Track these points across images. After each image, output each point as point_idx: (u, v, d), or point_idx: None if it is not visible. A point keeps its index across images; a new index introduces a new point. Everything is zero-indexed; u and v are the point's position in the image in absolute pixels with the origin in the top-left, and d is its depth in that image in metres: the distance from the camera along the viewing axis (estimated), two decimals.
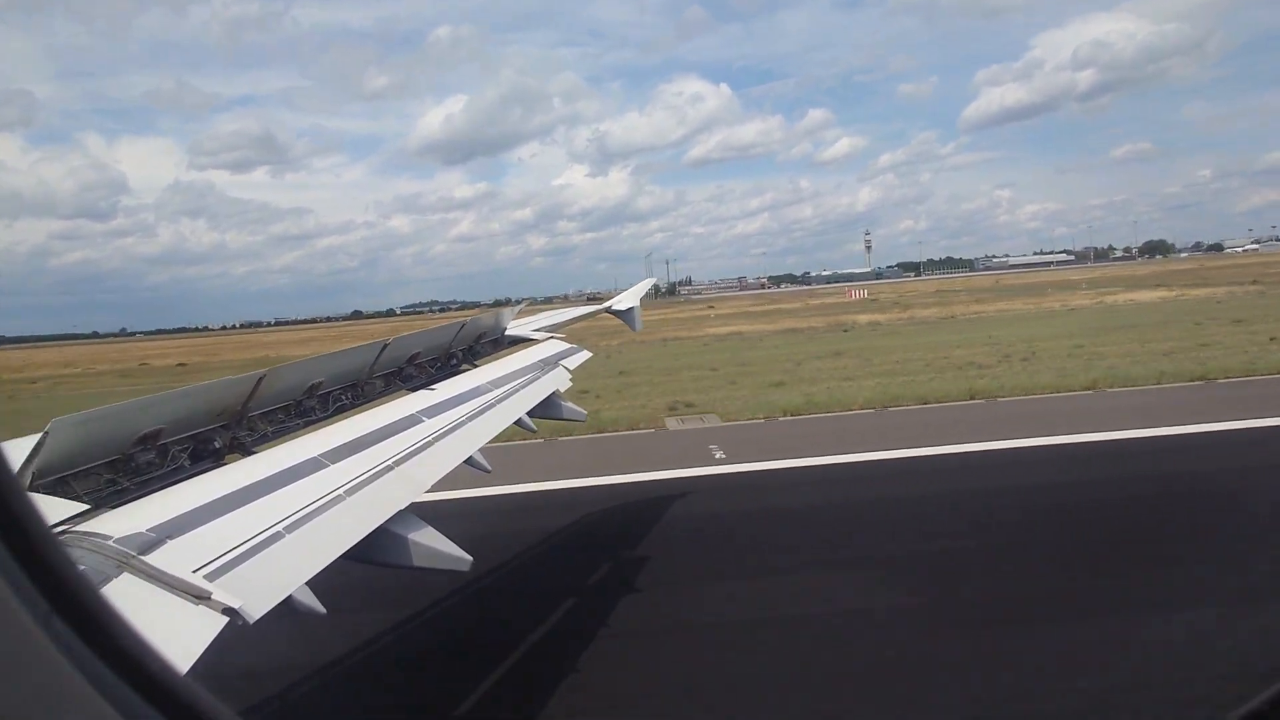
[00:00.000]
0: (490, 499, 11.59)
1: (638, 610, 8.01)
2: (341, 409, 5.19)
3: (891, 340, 36.14)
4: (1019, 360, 24.11)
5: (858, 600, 7.92)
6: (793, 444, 14.62)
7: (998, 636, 6.98)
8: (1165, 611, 7.18)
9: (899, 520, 10.28)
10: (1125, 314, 41.30)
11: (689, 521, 10.96)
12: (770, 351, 34.98)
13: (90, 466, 3.16)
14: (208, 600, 2.46)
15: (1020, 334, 33.07)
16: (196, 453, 3.80)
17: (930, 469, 12.66)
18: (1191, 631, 6.73)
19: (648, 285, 13.74)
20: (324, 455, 3.87)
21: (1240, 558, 8.07)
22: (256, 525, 3.03)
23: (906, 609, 7.72)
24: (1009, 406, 17.31)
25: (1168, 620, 7.02)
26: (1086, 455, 12.72)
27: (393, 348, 5.76)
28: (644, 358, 34.40)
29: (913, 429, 15.60)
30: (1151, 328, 31.37)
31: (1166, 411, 15.04)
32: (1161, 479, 11.31)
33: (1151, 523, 9.35)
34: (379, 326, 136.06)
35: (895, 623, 7.42)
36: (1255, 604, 7.07)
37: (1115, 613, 7.23)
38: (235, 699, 6.46)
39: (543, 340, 8.55)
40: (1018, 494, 11.15)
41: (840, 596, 8.03)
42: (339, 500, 3.51)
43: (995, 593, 7.91)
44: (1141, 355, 23.06)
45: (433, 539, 3.82)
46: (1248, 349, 22.06)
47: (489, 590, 8.61)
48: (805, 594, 8.16)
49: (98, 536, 2.57)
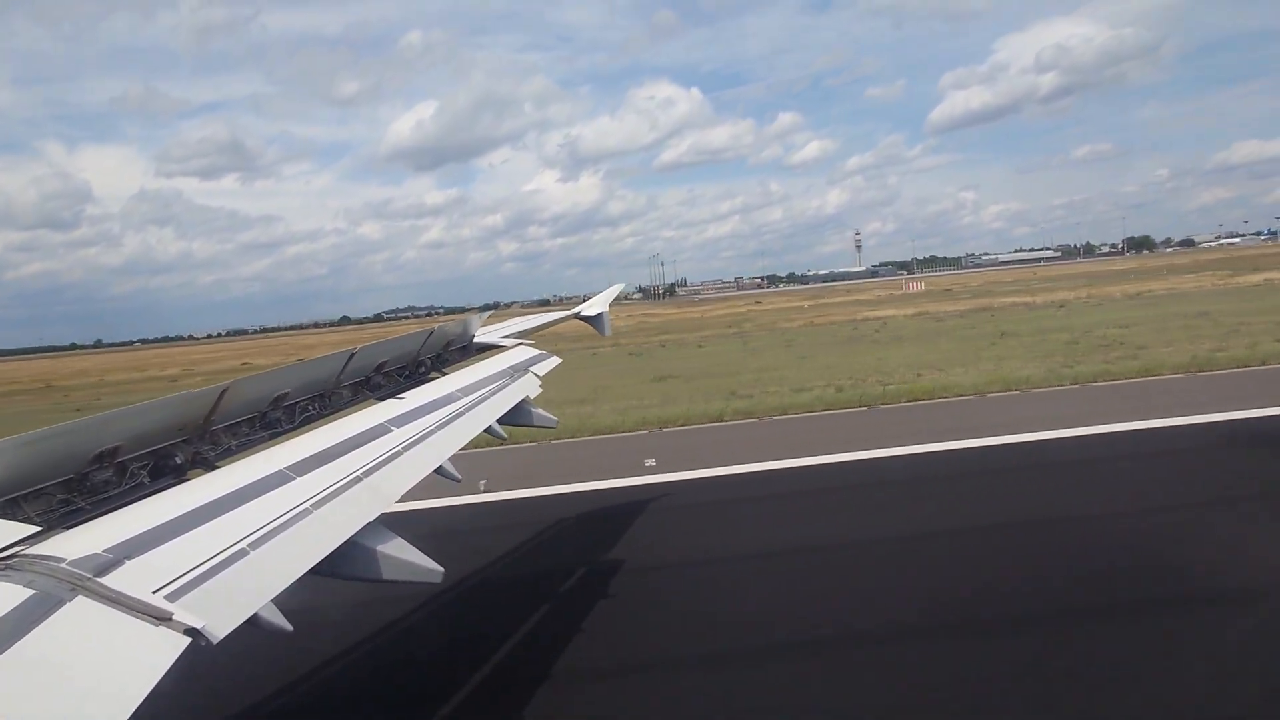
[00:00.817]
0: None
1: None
2: (309, 420, 5.08)
3: (1136, 312, 37.32)
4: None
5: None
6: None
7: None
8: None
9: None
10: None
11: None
12: (1022, 323, 36.17)
13: (42, 487, 3.04)
14: (169, 621, 2.38)
15: (1234, 309, 33.25)
16: (157, 469, 3.69)
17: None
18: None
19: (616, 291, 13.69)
20: (290, 468, 3.78)
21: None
22: (220, 542, 2.94)
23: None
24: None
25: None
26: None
27: (360, 356, 5.66)
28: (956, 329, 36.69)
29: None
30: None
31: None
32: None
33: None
34: (369, 331, 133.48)
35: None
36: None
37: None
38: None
39: (511, 347, 8.49)
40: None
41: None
42: (306, 514, 3.43)
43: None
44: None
45: (403, 550, 3.75)
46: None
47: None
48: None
49: (50, 559, 2.48)
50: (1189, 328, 27.60)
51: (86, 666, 2.15)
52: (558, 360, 8.56)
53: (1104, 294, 55.07)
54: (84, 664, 2.15)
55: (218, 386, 3.99)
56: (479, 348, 8.37)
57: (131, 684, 2.10)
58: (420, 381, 6.64)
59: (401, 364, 6.61)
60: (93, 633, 2.23)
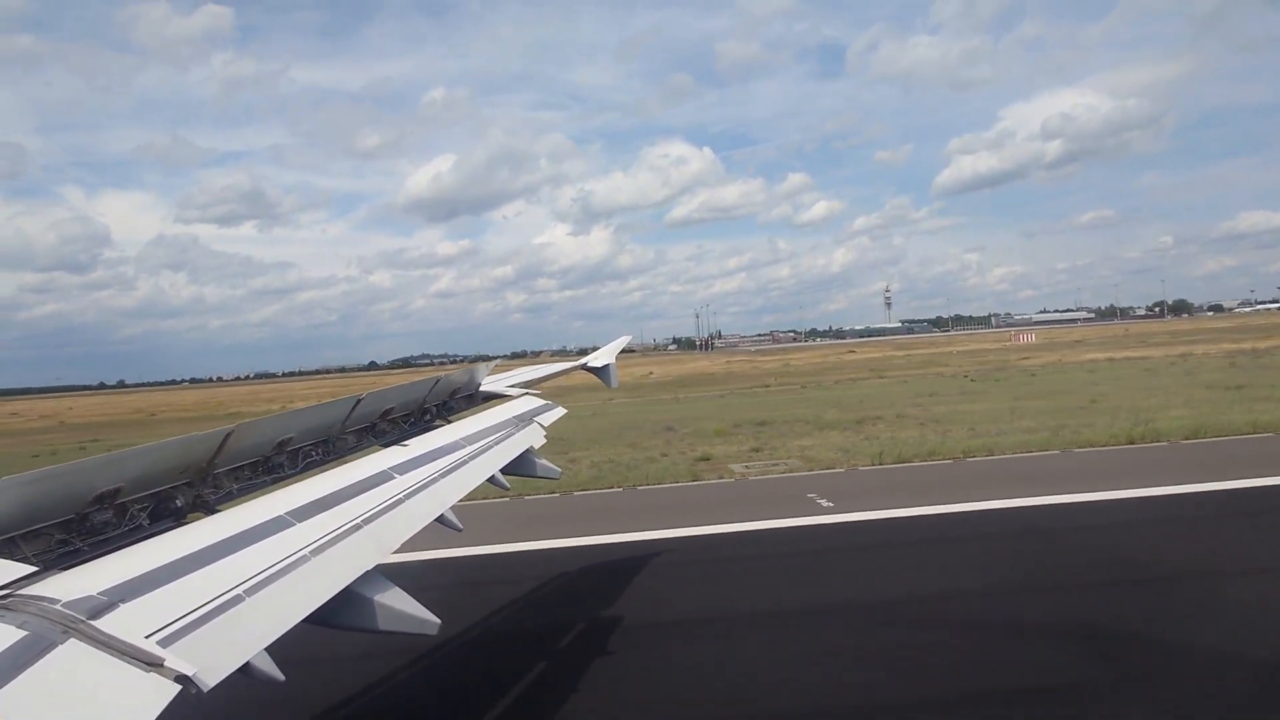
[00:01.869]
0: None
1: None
2: (311, 465, 5.07)
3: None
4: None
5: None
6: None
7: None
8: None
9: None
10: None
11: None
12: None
13: (41, 527, 3.04)
14: (160, 667, 2.34)
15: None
16: (157, 512, 3.67)
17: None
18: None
19: (624, 342, 13.75)
20: (290, 513, 3.76)
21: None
22: (216, 587, 2.91)
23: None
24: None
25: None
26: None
27: (366, 403, 5.68)
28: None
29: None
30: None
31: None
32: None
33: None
34: (395, 377, 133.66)
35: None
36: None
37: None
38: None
39: (517, 396, 8.50)
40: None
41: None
42: (304, 560, 3.39)
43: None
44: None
45: (400, 600, 3.69)
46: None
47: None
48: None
49: (44, 600, 2.46)
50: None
51: (76, 711, 2.11)
52: (563, 411, 8.55)
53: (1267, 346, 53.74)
54: (73, 709, 2.11)
55: (222, 430, 4.00)
56: (485, 396, 8.39)
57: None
58: (425, 429, 6.64)
59: (407, 411, 6.62)
60: (83, 676, 2.19)
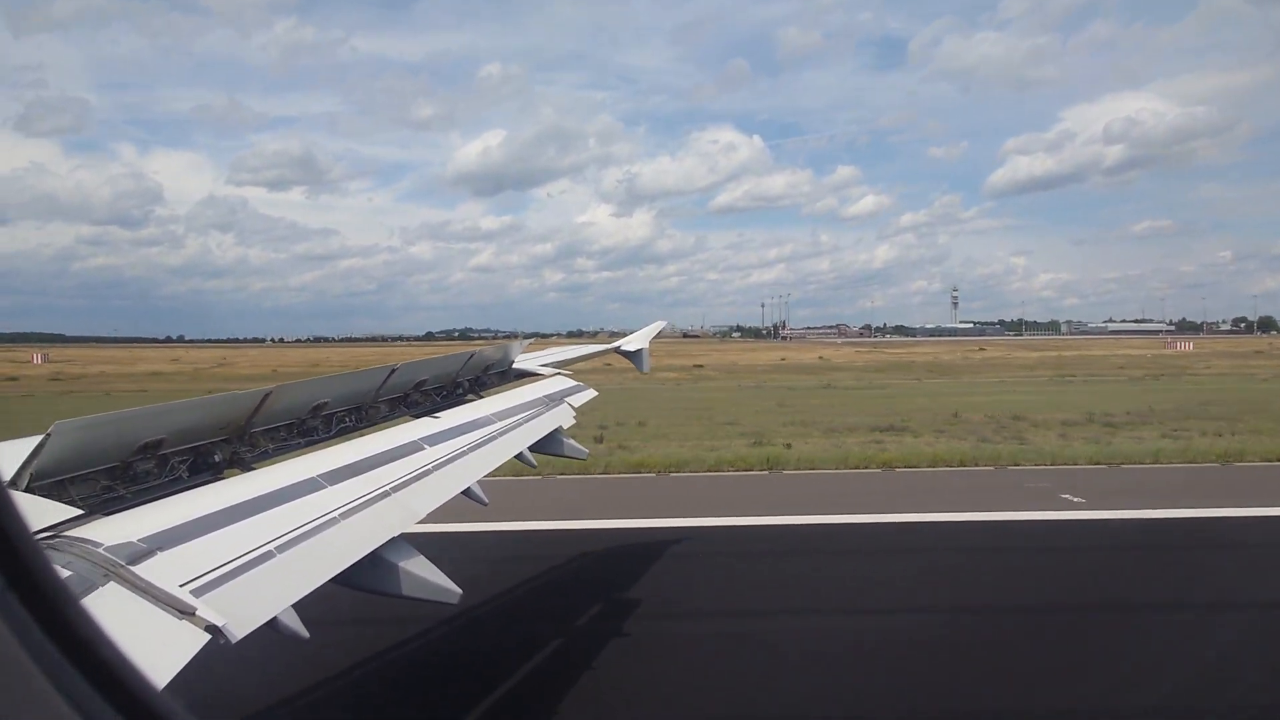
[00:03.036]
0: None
1: None
2: (344, 431, 5.17)
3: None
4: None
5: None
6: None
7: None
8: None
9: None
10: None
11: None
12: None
13: (89, 472, 3.15)
14: (192, 616, 2.42)
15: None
16: (196, 465, 3.78)
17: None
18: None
19: (658, 327, 13.74)
20: (322, 476, 3.85)
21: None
22: (249, 543, 3.00)
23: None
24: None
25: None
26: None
27: (400, 373, 5.77)
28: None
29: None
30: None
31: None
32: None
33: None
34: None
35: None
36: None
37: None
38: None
39: (550, 375, 8.56)
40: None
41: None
42: (333, 523, 3.48)
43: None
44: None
45: (423, 569, 3.77)
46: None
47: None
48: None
49: (88, 543, 2.55)
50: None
51: None
52: (594, 393, 8.59)
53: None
54: None
55: (261, 390, 4.10)
56: (517, 374, 8.46)
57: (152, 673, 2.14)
58: (457, 402, 6.72)
59: (440, 384, 6.70)
60: (120, 619, 2.28)
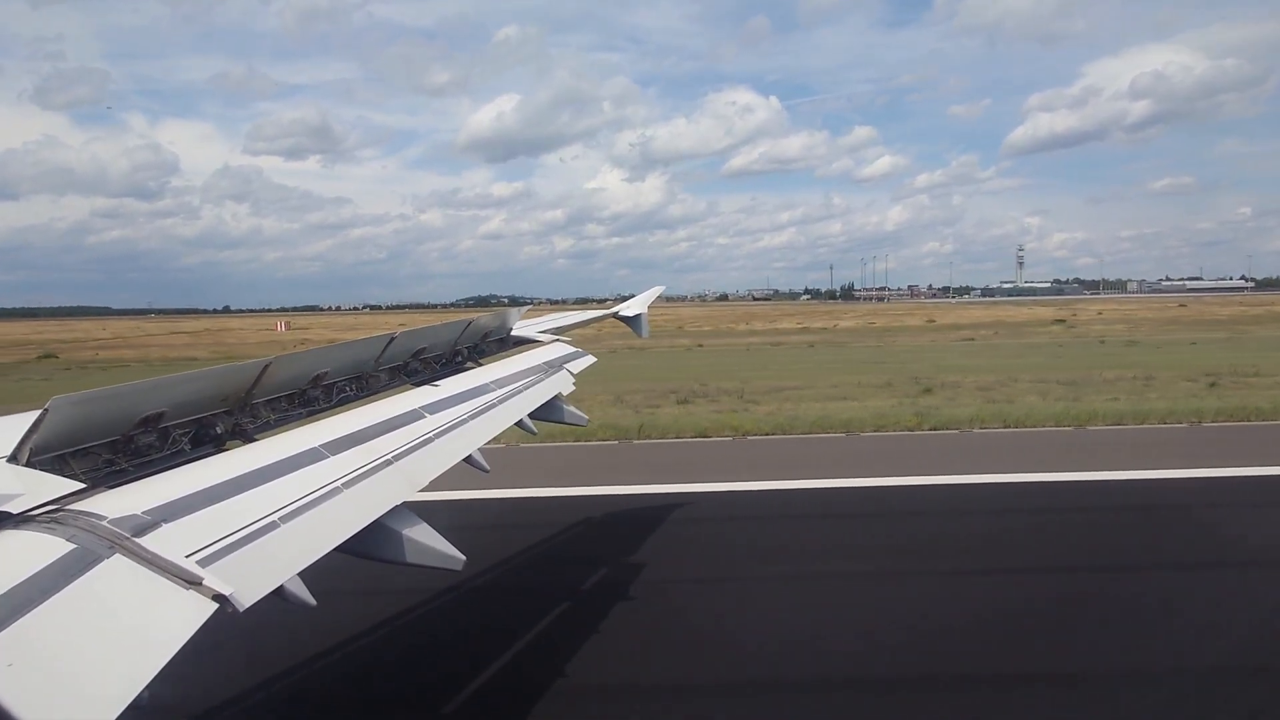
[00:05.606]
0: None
1: None
2: (345, 400, 5.17)
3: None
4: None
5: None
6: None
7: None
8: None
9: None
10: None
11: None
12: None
13: (90, 445, 3.15)
14: (199, 586, 2.45)
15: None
16: (198, 437, 3.79)
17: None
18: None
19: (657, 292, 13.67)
20: (324, 446, 3.86)
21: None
22: (253, 513, 3.01)
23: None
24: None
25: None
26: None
27: (399, 341, 5.75)
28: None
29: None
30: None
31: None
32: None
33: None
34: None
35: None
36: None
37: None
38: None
39: (548, 342, 8.54)
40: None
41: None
42: (336, 492, 3.50)
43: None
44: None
45: (427, 536, 3.80)
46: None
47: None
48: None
49: (92, 516, 2.57)
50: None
51: (119, 622, 2.22)
52: (593, 359, 8.58)
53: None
54: (117, 620, 2.23)
55: (260, 361, 4.08)
56: (515, 341, 8.43)
57: (160, 643, 2.17)
58: (456, 370, 6.71)
59: (439, 352, 6.69)
60: (127, 590, 2.31)
